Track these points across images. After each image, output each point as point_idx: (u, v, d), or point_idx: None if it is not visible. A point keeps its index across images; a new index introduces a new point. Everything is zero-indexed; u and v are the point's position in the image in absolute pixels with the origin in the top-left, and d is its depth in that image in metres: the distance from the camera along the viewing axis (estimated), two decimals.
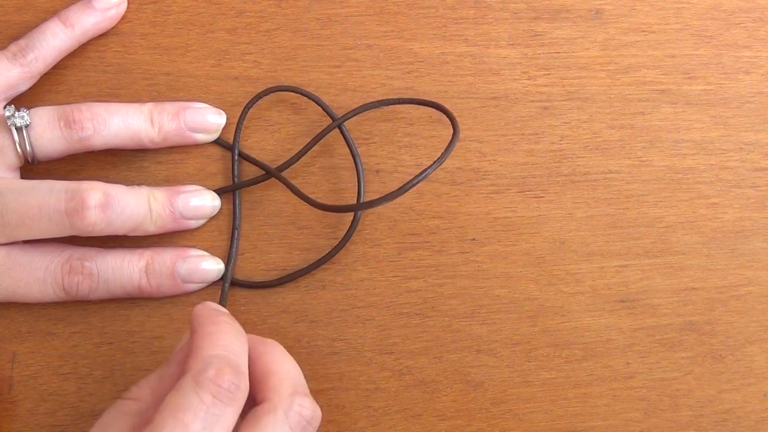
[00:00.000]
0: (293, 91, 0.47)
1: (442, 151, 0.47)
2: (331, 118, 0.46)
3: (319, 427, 0.38)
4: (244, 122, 0.47)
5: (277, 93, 0.47)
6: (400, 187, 0.41)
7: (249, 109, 0.46)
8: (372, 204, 0.42)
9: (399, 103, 0.46)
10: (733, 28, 0.48)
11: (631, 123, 0.47)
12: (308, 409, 0.37)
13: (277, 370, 0.38)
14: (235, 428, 0.36)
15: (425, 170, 0.42)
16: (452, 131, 0.43)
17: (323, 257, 0.46)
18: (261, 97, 0.47)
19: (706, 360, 0.47)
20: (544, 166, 0.47)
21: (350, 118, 0.46)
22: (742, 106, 0.48)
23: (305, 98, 0.47)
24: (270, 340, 0.39)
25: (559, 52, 0.48)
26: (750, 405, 0.46)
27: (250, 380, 0.37)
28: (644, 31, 0.48)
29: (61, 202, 0.41)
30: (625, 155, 0.47)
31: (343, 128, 0.46)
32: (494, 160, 0.47)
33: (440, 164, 0.42)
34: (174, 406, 0.35)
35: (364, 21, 0.48)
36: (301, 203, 0.46)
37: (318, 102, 0.46)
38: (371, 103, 0.46)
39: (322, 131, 0.46)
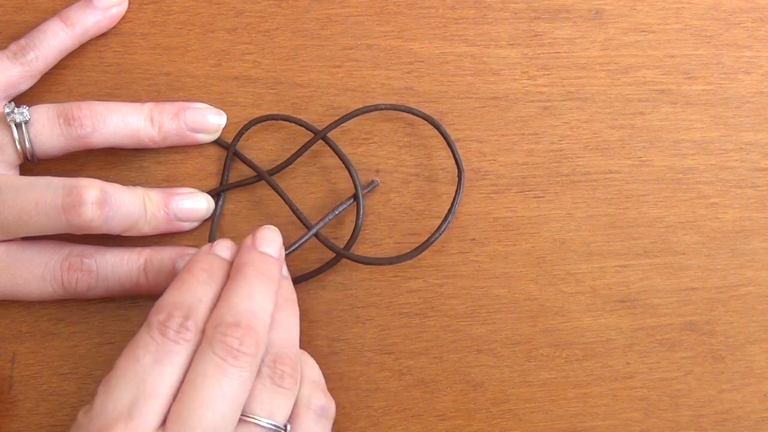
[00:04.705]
0: (275, 119, 0.47)
1: (446, 147, 0.47)
2: (312, 132, 0.46)
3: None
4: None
5: (276, 92, 0.47)
6: (406, 253, 0.45)
7: (238, 141, 0.47)
8: (360, 259, 0.45)
9: (382, 110, 0.47)
10: (733, 28, 0.48)
11: (631, 123, 0.47)
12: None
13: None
14: None
15: (438, 229, 0.45)
16: (457, 171, 0.46)
17: (326, 264, 0.46)
18: (247, 129, 0.47)
19: (706, 360, 0.47)
20: (544, 166, 0.47)
21: (334, 128, 0.46)
22: (742, 106, 0.48)
23: (305, 97, 0.47)
24: (241, 272, 0.41)
25: (559, 52, 0.48)
26: (750, 405, 0.46)
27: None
28: (644, 31, 0.48)
29: (58, 198, 0.41)
30: (625, 155, 0.47)
31: (329, 140, 0.46)
32: (494, 160, 0.47)
33: (455, 212, 0.46)
34: (129, 345, 0.38)
35: (364, 21, 0.48)
36: (301, 203, 0.46)
37: (297, 121, 0.46)
38: (353, 111, 0.46)
39: (306, 144, 0.46)
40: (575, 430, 0.46)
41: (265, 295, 0.40)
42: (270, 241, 0.42)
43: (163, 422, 0.37)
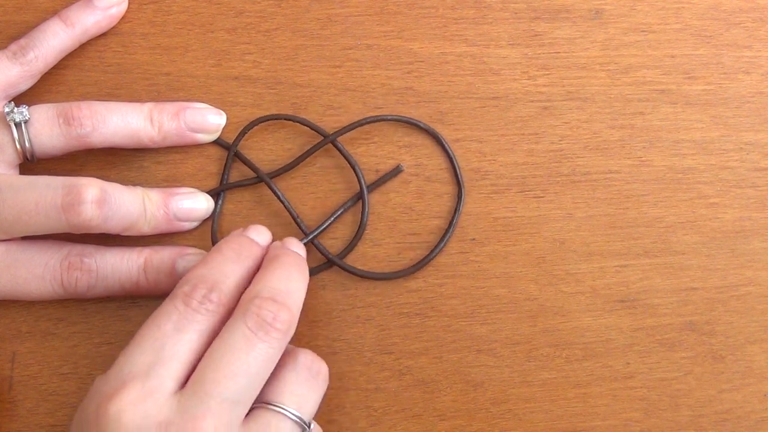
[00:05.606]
0: (279, 119, 0.47)
1: (444, 151, 0.47)
2: (322, 135, 0.46)
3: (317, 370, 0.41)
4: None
5: (276, 92, 0.47)
6: (403, 270, 0.46)
7: (240, 141, 0.47)
8: (353, 271, 0.45)
9: (392, 121, 0.47)
10: (733, 28, 0.48)
11: (631, 123, 0.47)
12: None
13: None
14: None
15: (441, 241, 0.46)
16: (458, 189, 0.46)
17: (325, 263, 0.46)
18: (251, 128, 0.47)
19: (706, 360, 0.47)
20: (544, 166, 0.47)
21: (343, 134, 0.46)
22: (742, 106, 0.48)
23: (305, 97, 0.47)
24: (278, 259, 0.41)
25: (559, 52, 0.48)
26: (750, 405, 0.46)
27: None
28: (644, 31, 0.48)
29: (58, 197, 0.41)
30: (625, 155, 0.47)
31: (338, 144, 0.46)
32: (494, 160, 0.47)
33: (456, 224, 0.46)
34: (152, 315, 0.39)
35: (364, 21, 0.48)
36: (301, 203, 0.46)
37: (303, 122, 0.46)
38: (366, 118, 0.46)
39: (313, 147, 0.46)
40: (575, 430, 0.46)
41: (301, 282, 0.41)
42: (298, 245, 0.44)
43: (180, 388, 0.37)
